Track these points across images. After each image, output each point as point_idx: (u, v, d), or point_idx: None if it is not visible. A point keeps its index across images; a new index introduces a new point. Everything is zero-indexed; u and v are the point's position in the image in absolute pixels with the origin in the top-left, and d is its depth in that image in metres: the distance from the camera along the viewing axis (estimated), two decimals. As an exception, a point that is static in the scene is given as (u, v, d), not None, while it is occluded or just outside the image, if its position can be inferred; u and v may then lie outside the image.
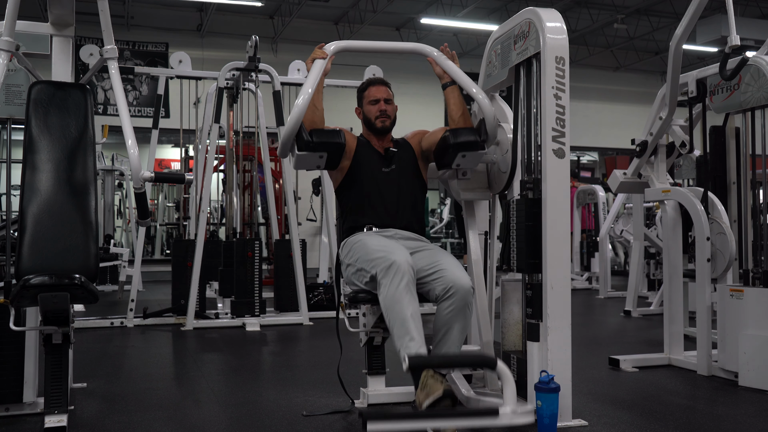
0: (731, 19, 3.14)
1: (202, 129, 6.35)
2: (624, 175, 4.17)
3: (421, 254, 2.82)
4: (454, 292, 2.65)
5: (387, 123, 3.06)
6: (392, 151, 3.06)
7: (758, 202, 3.76)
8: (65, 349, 2.66)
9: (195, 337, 5.12)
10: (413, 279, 2.59)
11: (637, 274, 6.27)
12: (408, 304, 2.51)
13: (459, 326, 2.70)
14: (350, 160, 3.00)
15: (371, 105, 3.07)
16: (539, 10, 2.74)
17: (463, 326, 2.72)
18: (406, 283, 2.53)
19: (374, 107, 3.05)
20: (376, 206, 2.95)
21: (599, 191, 8.86)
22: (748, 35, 9.54)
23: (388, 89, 3.11)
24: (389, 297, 2.53)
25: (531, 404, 2.59)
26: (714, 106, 3.77)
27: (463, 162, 2.98)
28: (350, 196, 3.01)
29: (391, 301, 2.53)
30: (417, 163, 3.10)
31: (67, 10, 2.97)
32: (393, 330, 2.53)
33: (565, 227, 2.69)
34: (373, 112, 3.05)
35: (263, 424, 2.75)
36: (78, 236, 2.59)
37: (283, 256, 6.16)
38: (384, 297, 2.55)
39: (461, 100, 3.07)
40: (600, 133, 14.47)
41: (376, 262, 2.61)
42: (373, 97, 3.07)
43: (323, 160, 2.90)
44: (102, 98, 11.74)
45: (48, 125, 2.73)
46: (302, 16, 11.91)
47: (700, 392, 3.33)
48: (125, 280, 7.50)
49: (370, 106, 3.07)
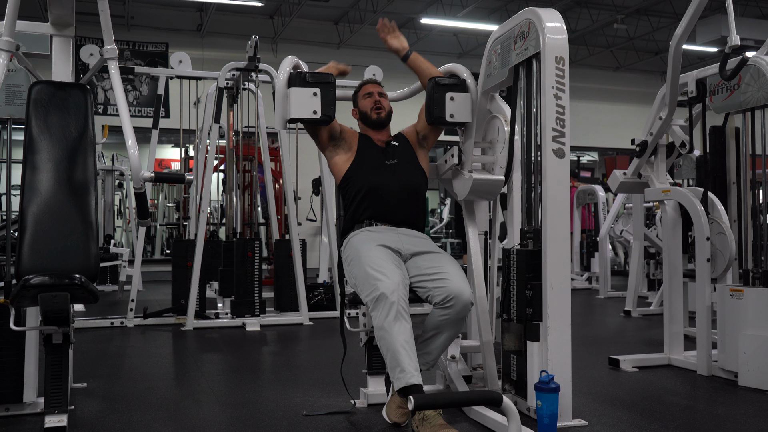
0: (731, 19, 3.14)
1: (202, 129, 6.34)
2: (624, 175, 4.17)
3: (426, 256, 2.82)
4: (453, 304, 2.66)
5: (383, 114, 3.07)
6: (393, 144, 3.07)
7: (758, 202, 3.76)
8: (65, 349, 2.66)
9: (195, 337, 5.12)
10: (403, 304, 2.55)
11: (637, 274, 6.27)
12: (397, 335, 2.50)
13: (449, 333, 2.75)
14: (353, 154, 3.02)
15: (365, 99, 3.10)
16: (539, 10, 2.74)
17: (452, 334, 2.77)
18: (395, 314, 2.52)
19: (368, 100, 3.08)
20: (379, 199, 2.95)
21: (599, 191, 8.85)
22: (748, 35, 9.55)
23: (381, 87, 3.16)
24: (379, 328, 2.54)
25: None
26: (714, 106, 3.78)
27: (455, 109, 3.02)
28: (353, 189, 3.00)
29: (381, 332, 2.54)
30: (415, 153, 3.11)
31: (67, 10, 2.96)
32: (386, 359, 2.55)
33: (565, 227, 2.69)
34: (368, 104, 3.08)
35: (263, 424, 2.75)
36: (78, 236, 2.59)
37: (283, 256, 6.16)
38: (375, 327, 2.57)
39: (429, 63, 3.18)
40: (600, 133, 14.47)
41: (368, 289, 2.60)
42: (366, 91, 3.11)
43: (317, 100, 2.87)
44: (102, 98, 11.74)
45: (48, 125, 2.72)
46: (302, 16, 11.91)
47: (700, 392, 3.33)
48: (125, 280, 7.49)
49: (364, 100, 3.10)
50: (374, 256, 2.70)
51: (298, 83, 2.90)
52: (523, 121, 2.91)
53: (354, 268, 2.76)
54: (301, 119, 2.94)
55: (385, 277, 2.58)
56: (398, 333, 2.50)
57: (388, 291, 2.54)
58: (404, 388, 2.47)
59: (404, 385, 2.46)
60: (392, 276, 2.60)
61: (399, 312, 2.53)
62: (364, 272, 2.66)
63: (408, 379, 2.46)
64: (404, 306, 2.56)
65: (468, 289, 2.71)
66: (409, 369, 2.47)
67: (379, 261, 2.68)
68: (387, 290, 2.54)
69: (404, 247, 2.84)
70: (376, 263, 2.66)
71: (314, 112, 2.90)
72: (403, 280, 2.62)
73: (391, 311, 2.52)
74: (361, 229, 2.92)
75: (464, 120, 3.09)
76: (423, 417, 2.48)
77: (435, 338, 2.74)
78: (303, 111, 2.90)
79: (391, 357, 2.50)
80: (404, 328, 2.52)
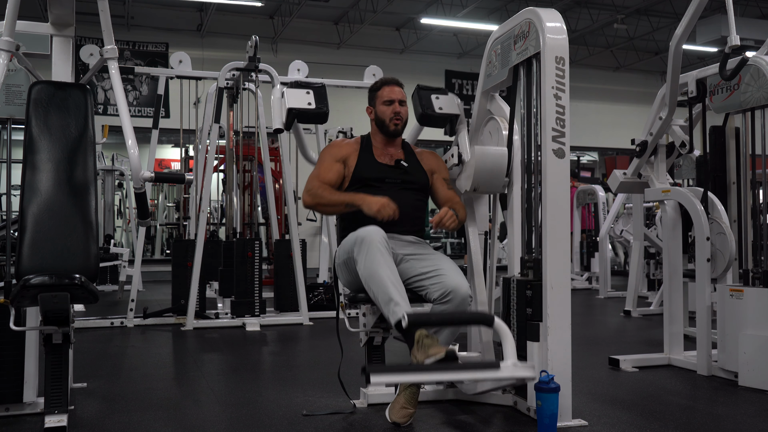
0: (731, 19, 3.15)
1: (202, 129, 6.35)
2: (624, 175, 4.17)
3: (420, 257, 2.82)
4: (452, 298, 2.66)
5: (399, 126, 3.04)
6: (403, 165, 3.01)
7: (758, 202, 3.76)
8: (65, 349, 2.66)
9: (195, 337, 5.12)
10: (385, 244, 2.61)
11: (637, 274, 6.27)
12: (384, 266, 2.56)
13: (450, 330, 2.73)
14: (351, 169, 2.97)
15: (385, 106, 3.02)
16: (539, 10, 2.74)
17: (453, 330, 2.75)
18: (377, 246, 2.57)
19: (389, 108, 3.01)
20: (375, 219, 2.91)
21: (599, 191, 8.85)
22: (748, 35, 9.55)
23: (402, 90, 3.08)
24: (365, 267, 2.57)
25: (531, 361, 2.63)
26: (714, 106, 3.78)
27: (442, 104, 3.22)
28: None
29: (367, 270, 2.57)
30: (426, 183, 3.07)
31: (67, 10, 2.97)
32: (378, 300, 2.57)
33: (565, 227, 2.69)
34: (388, 113, 3.01)
35: (263, 424, 2.75)
36: (78, 236, 2.59)
37: (283, 256, 6.16)
38: (361, 270, 2.59)
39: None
40: (600, 133, 14.48)
41: (352, 243, 2.67)
42: (387, 98, 3.03)
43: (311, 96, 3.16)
44: (102, 98, 11.74)
45: (48, 125, 2.72)
46: (302, 16, 11.91)
47: (700, 392, 3.33)
48: (125, 280, 7.50)
49: (384, 106, 3.02)
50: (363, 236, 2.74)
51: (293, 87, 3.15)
52: (523, 121, 2.91)
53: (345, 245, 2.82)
54: (297, 108, 3.06)
55: (366, 229, 2.65)
56: (384, 265, 2.57)
57: (371, 233, 2.61)
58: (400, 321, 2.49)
59: (401, 314, 2.48)
60: (375, 227, 2.66)
61: (380, 246, 2.58)
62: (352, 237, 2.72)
63: (405, 310, 2.49)
64: (386, 249, 2.61)
65: (465, 283, 2.71)
66: (402, 302, 2.52)
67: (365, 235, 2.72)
68: (369, 233, 2.61)
69: (397, 250, 2.82)
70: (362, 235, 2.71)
71: (309, 104, 3.05)
72: (383, 234, 2.65)
73: (372, 244, 2.58)
74: None
75: (452, 112, 3.17)
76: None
77: (438, 333, 2.74)
78: (299, 103, 3.07)
79: (383, 293, 2.54)
80: (389, 264, 2.59)
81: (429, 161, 3.11)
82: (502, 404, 2.96)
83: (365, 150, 3.03)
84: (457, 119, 3.23)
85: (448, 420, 2.80)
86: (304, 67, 6.46)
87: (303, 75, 6.43)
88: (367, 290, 2.63)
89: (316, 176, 2.97)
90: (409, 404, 2.63)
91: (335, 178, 2.95)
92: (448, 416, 2.85)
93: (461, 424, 2.74)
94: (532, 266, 2.76)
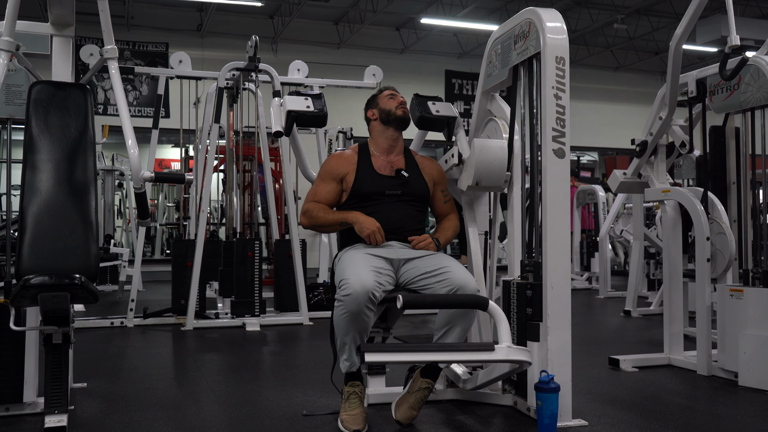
0: (731, 19, 3.15)
1: (202, 129, 6.34)
2: (624, 175, 4.17)
3: (423, 258, 2.80)
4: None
5: (406, 113, 3.07)
6: (403, 175, 2.99)
7: (758, 202, 3.76)
8: (65, 349, 2.66)
9: (195, 337, 5.12)
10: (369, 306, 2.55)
11: (637, 274, 6.27)
12: (353, 333, 2.60)
13: (461, 327, 2.70)
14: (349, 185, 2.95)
15: (389, 99, 3.08)
16: (539, 10, 2.74)
17: (465, 327, 2.72)
18: (359, 310, 2.54)
19: (393, 100, 3.07)
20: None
21: (599, 191, 8.85)
22: (748, 35, 9.54)
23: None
24: (338, 317, 2.60)
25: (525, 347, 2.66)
26: (714, 106, 3.78)
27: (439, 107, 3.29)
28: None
29: (337, 323, 2.62)
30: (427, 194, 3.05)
31: (67, 10, 2.97)
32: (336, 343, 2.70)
33: (565, 227, 2.69)
34: (393, 104, 3.06)
35: (263, 424, 2.75)
36: (78, 236, 2.59)
37: (283, 256, 6.16)
38: (335, 316, 2.63)
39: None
40: (600, 133, 14.48)
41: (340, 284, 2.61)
42: (390, 94, 3.11)
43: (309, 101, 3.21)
44: (102, 98, 11.74)
45: (48, 125, 2.72)
46: (302, 16, 11.91)
47: (700, 392, 3.33)
48: (125, 280, 7.49)
49: (388, 99, 3.08)
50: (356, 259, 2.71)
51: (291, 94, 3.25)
52: (524, 121, 2.91)
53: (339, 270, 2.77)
54: (296, 111, 3.12)
55: (352, 279, 2.56)
56: (347, 330, 2.61)
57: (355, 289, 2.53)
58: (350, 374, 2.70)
59: (345, 371, 2.70)
60: (362, 278, 2.57)
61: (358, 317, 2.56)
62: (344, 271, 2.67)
63: (348, 368, 2.69)
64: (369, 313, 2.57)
65: (472, 279, 2.70)
66: (351, 360, 2.66)
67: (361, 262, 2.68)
68: (354, 292, 2.53)
69: (397, 256, 2.81)
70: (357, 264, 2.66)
71: (307, 107, 3.13)
72: (368, 286, 2.55)
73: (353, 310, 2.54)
74: (354, 246, 2.87)
75: (449, 114, 3.22)
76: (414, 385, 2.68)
77: (448, 334, 2.71)
78: (297, 106, 3.14)
79: (340, 347, 2.68)
80: (360, 336, 2.63)
81: (431, 171, 3.09)
82: (502, 404, 2.97)
83: (364, 162, 3.00)
84: (454, 121, 3.24)
85: (448, 420, 2.80)
86: (304, 67, 6.46)
87: (303, 75, 6.43)
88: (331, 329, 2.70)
89: (312, 196, 3.00)
90: (417, 407, 2.68)
91: (331, 197, 2.98)
92: (448, 416, 2.85)
93: (461, 424, 2.75)
94: (532, 270, 2.76)
